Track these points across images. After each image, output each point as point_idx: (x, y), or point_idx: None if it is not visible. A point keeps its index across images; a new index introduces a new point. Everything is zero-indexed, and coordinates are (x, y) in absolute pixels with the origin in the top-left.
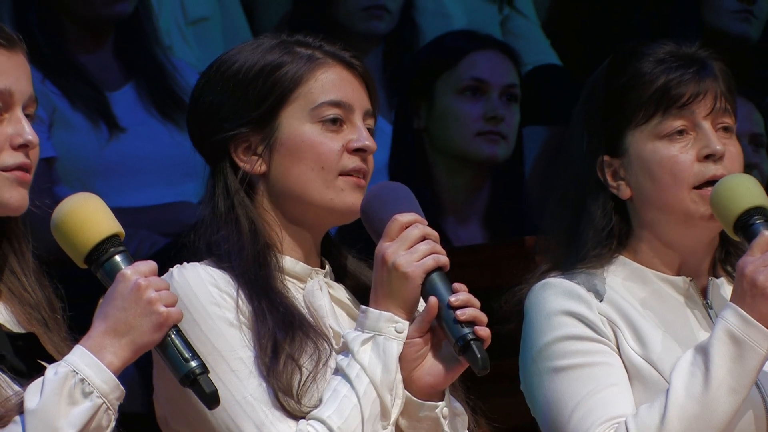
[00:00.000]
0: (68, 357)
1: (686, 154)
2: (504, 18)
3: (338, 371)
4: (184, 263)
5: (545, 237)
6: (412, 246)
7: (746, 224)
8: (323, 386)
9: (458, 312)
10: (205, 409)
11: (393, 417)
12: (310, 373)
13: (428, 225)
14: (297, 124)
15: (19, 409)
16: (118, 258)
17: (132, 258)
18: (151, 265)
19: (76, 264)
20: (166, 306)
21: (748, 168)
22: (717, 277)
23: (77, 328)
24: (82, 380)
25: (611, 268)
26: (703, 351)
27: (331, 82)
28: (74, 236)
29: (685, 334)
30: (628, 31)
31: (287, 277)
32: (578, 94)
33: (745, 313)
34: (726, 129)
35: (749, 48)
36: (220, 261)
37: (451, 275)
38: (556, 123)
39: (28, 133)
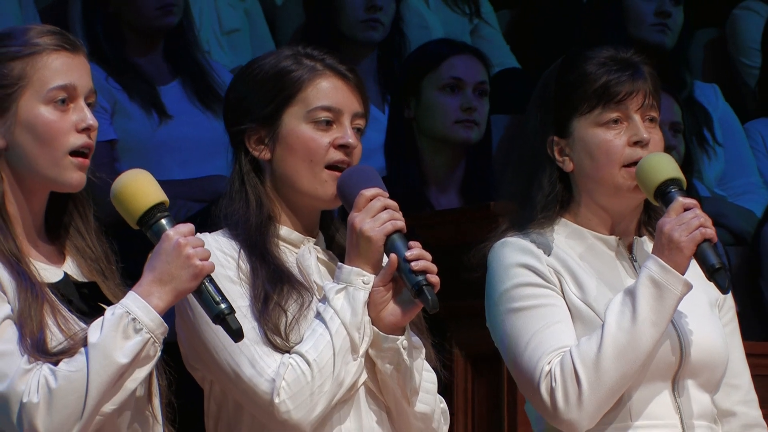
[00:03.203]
0: (123, 301)
1: (619, 139)
2: (474, 26)
3: (317, 315)
4: (199, 233)
5: (503, 201)
6: (375, 215)
7: (664, 192)
8: (305, 327)
9: (413, 264)
10: (211, 349)
11: (361, 350)
12: (294, 316)
13: (394, 196)
14: (295, 122)
15: (84, 342)
16: (163, 221)
17: (174, 221)
18: (189, 227)
19: (129, 225)
20: (201, 260)
21: (668, 149)
22: (641, 236)
23: (129, 276)
24: (134, 319)
25: (556, 228)
26: (631, 293)
27: (326, 90)
28: (128, 204)
29: (615, 281)
30: (570, 41)
31: (283, 243)
32: (532, 90)
33: (663, 262)
34: (652, 120)
35: (666, 53)
36: (230, 229)
37: (434, 233)
38: (516, 112)
39: (90, 118)
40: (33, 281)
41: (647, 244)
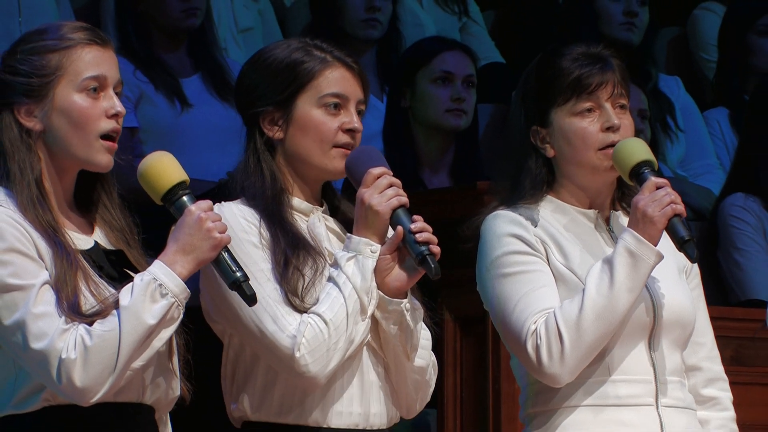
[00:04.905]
0: (150, 268)
1: (593, 126)
2: (463, 24)
3: (330, 279)
4: (222, 202)
5: (495, 183)
6: (382, 191)
7: (638, 173)
8: (320, 290)
9: (417, 235)
10: (235, 307)
11: (369, 312)
12: (310, 280)
13: (394, 175)
14: (308, 107)
15: (115, 305)
16: (185, 198)
17: (195, 198)
18: (208, 203)
19: (153, 201)
20: (220, 233)
21: (637, 133)
22: (616, 210)
23: (149, 247)
24: (160, 285)
25: (542, 203)
26: (609, 262)
27: (335, 79)
28: (154, 182)
29: (595, 250)
30: (548, 38)
31: (295, 212)
32: (514, 83)
33: (638, 235)
34: (622, 107)
35: (633, 49)
36: (249, 200)
37: (426, 210)
38: (500, 102)
39: (118, 105)
40: (68, 250)
41: (622, 217)
